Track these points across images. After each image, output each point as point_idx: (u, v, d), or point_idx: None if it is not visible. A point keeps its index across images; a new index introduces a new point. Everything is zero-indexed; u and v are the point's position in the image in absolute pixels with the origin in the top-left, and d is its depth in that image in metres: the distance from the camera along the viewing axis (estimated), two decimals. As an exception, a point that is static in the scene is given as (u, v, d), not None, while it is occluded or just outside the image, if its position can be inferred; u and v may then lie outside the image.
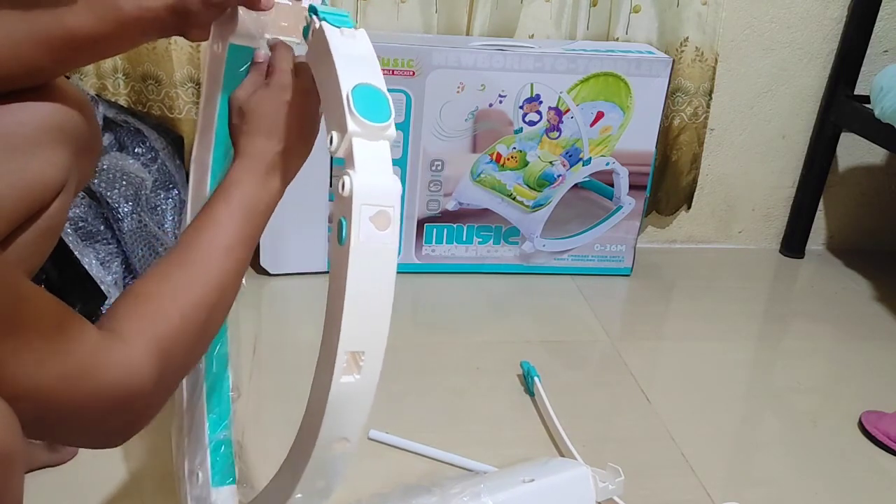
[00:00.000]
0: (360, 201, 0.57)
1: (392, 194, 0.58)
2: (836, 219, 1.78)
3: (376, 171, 0.59)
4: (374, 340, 0.58)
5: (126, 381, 0.56)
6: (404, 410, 1.12)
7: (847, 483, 1.06)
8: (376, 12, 1.42)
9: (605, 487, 0.91)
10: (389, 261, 0.58)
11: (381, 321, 0.58)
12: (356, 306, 0.57)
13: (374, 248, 0.57)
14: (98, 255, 1.21)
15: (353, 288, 0.57)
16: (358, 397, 0.59)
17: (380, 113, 0.60)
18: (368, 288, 0.57)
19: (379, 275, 0.58)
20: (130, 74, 1.38)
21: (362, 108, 0.59)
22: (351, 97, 0.59)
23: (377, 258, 0.57)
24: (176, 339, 0.60)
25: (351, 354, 0.58)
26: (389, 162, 0.60)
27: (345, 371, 0.58)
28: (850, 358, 1.37)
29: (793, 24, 1.57)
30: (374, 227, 0.57)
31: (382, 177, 0.59)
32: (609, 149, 1.45)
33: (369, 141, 0.59)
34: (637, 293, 1.54)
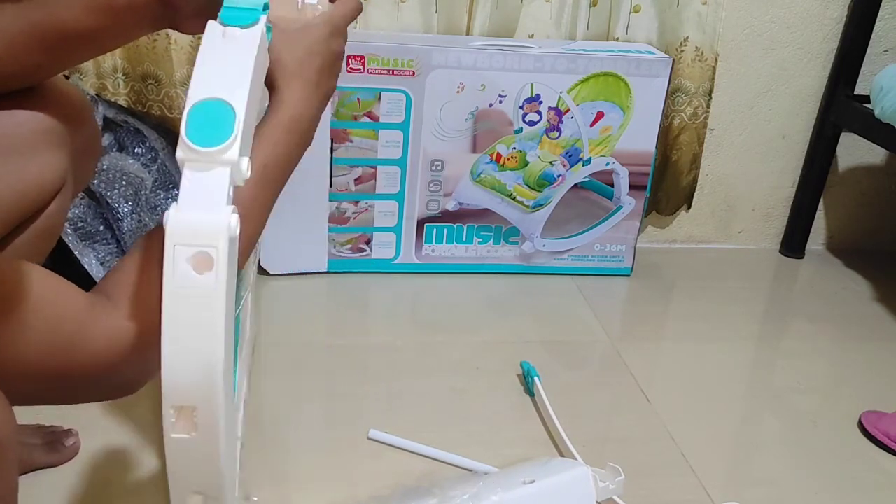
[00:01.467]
0: (172, 241, 0.50)
1: (217, 233, 0.50)
2: (836, 219, 1.78)
3: (201, 205, 0.51)
4: (205, 394, 0.51)
5: (116, 346, 0.56)
6: (404, 410, 1.12)
7: (847, 483, 1.06)
8: (376, 12, 1.42)
9: (605, 487, 0.91)
10: (212, 307, 0.50)
11: (210, 374, 0.51)
12: (176, 357, 0.50)
13: (192, 293, 0.50)
14: (98, 255, 1.21)
15: (170, 337, 0.50)
16: (199, 454, 0.52)
17: (217, 134, 0.52)
18: (189, 337, 0.50)
19: (200, 323, 0.50)
20: (130, 74, 1.38)
21: (195, 131, 0.52)
22: (186, 118, 0.52)
23: (196, 305, 0.50)
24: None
25: (178, 409, 0.51)
26: (224, 193, 0.52)
27: (175, 428, 0.51)
28: (850, 358, 1.37)
29: (793, 24, 1.57)
30: (192, 269, 0.50)
31: (207, 212, 0.51)
32: (609, 149, 1.45)
33: (198, 171, 0.52)
34: (637, 293, 1.54)
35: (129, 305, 0.60)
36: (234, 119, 0.52)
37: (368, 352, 1.25)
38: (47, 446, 0.95)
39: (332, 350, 1.23)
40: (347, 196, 1.41)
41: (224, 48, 0.57)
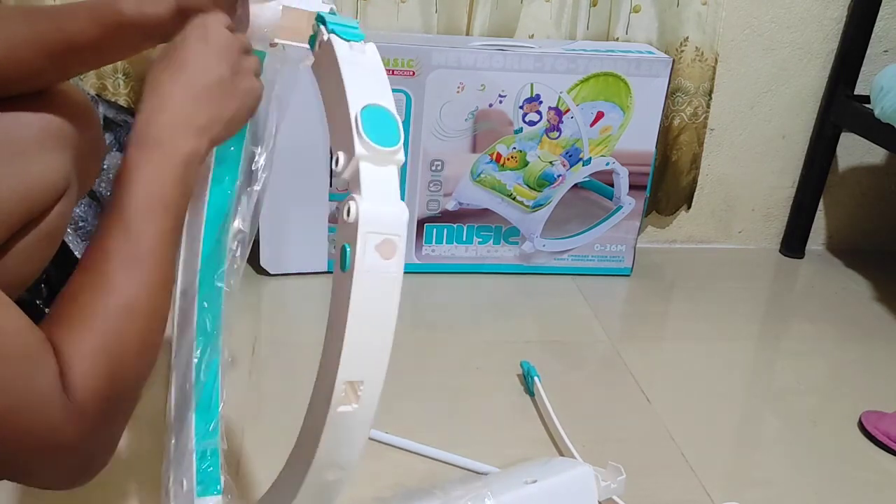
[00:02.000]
0: (365, 229, 0.55)
1: (399, 223, 0.56)
2: (836, 219, 1.78)
3: (384, 198, 0.57)
4: (373, 370, 0.57)
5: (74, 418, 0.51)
6: (404, 410, 1.12)
7: (847, 483, 1.06)
8: (376, 12, 1.42)
9: (606, 486, 0.91)
10: (393, 291, 0.56)
11: (381, 352, 0.57)
12: (357, 336, 0.55)
13: (378, 277, 0.56)
14: (98, 255, 1.21)
15: (355, 317, 0.55)
16: (355, 427, 0.58)
17: (389, 137, 0.59)
18: (370, 318, 0.56)
19: (381, 305, 0.56)
20: (130, 74, 1.38)
21: (371, 131, 0.58)
22: (360, 119, 0.58)
23: (380, 288, 0.56)
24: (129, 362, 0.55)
25: (349, 384, 0.56)
26: (398, 188, 0.58)
27: (342, 401, 0.56)
28: (850, 358, 1.37)
29: (793, 24, 1.57)
30: (379, 256, 0.56)
31: (390, 204, 0.57)
32: (609, 149, 1.45)
33: (377, 166, 0.58)
34: (637, 293, 1.54)
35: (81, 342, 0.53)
36: (398, 125, 0.60)
37: (368, 352, 1.25)
38: None
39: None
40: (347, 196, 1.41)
41: (359, 60, 0.63)
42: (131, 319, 0.56)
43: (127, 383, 0.56)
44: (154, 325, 0.59)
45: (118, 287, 0.57)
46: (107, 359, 0.54)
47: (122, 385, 0.55)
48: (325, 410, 0.56)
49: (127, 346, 0.56)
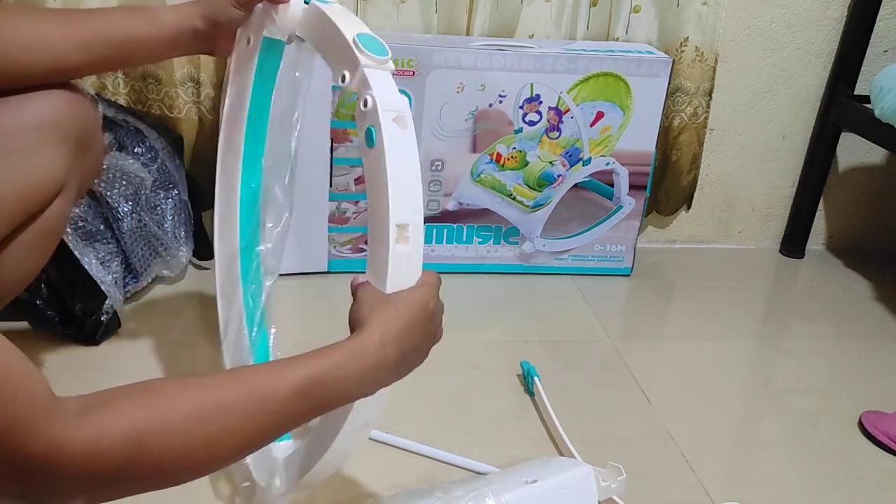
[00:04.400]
0: (384, 108, 0.70)
1: (404, 104, 0.72)
2: (836, 219, 1.78)
3: (389, 89, 0.73)
4: (415, 214, 0.71)
5: (45, 459, 0.51)
6: (404, 410, 1.11)
7: (847, 483, 1.06)
8: (376, 12, 1.42)
9: (607, 486, 0.91)
10: (413, 151, 0.72)
11: (416, 199, 0.71)
12: (397, 188, 0.69)
13: (402, 141, 0.71)
14: (98, 255, 1.21)
15: (392, 174, 0.69)
16: (410, 263, 0.72)
17: (381, 50, 0.74)
18: (403, 173, 0.70)
19: (409, 162, 0.71)
20: (130, 74, 1.38)
21: (368, 48, 0.73)
22: (357, 40, 0.73)
23: (405, 148, 0.71)
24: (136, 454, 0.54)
25: (399, 227, 0.70)
26: (394, 83, 0.74)
27: (397, 240, 0.69)
28: (850, 358, 1.37)
29: (793, 24, 1.57)
30: (398, 126, 0.71)
31: (394, 92, 0.73)
32: (609, 149, 1.45)
33: (378, 69, 0.73)
34: (637, 293, 1.54)
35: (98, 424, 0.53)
36: (383, 44, 0.75)
37: (368, 352, 1.25)
38: None
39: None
40: (347, 196, 1.41)
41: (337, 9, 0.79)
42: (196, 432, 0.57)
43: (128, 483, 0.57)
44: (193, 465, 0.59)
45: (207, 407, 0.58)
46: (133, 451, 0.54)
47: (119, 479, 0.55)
48: (387, 252, 0.69)
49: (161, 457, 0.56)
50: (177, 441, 0.56)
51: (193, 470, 0.60)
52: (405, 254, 0.71)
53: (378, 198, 0.70)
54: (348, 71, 0.74)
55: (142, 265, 1.29)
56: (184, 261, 1.37)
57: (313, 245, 1.43)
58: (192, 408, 0.57)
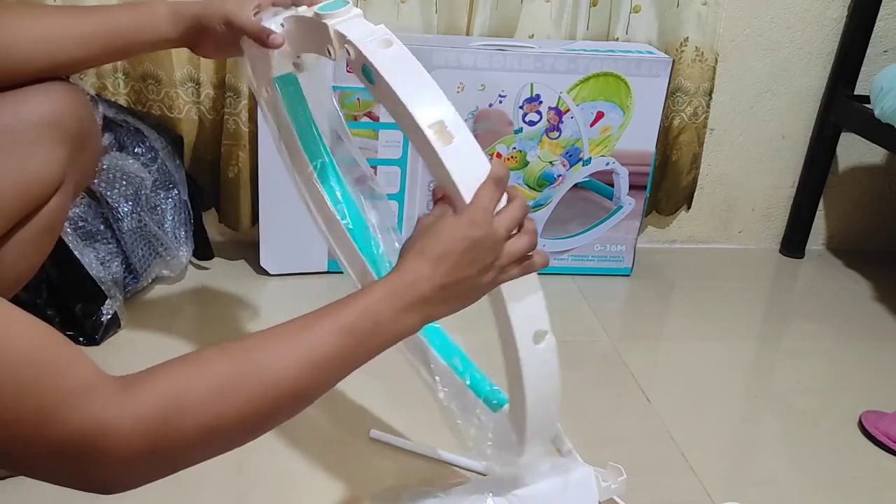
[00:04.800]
0: (361, 44, 0.72)
1: (379, 28, 0.74)
2: (836, 219, 1.78)
3: (360, 27, 0.74)
4: (442, 109, 0.70)
5: (90, 438, 0.51)
6: (404, 410, 1.11)
7: (847, 483, 1.06)
8: (376, 12, 1.42)
9: (607, 487, 0.91)
10: (410, 60, 0.73)
11: (437, 96, 0.71)
12: (411, 94, 0.69)
13: (394, 57, 0.72)
14: (98, 255, 1.21)
15: (399, 86, 0.70)
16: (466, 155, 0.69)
17: (339, 3, 0.75)
18: (409, 80, 0.71)
19: (410, 69, 0.72)
20: (130, 74, 1.38)
21: (328, 9, 0.75)
22: (318, 11, 0.75)
23: (401, 63, 0.72)
24: (188, 425, 0.55)
25: (434, 127, 0.68)
26: (365, 22, 0.75)
27: (441, 141, 0.68)
28: (850, 358, 1.37)
29: (793, 24, 1.57)
30: (384, 48, 0.72)
31: (364, 26, 0.74)
32: (609, 149, 1.45)
33: (344, 20, 0.74)
34: (637, 293, 1.54)
35: (141, 401, 0.53)
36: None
37: (368, 352, 1.25)
38: None
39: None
40: (347, 196, 1.41)
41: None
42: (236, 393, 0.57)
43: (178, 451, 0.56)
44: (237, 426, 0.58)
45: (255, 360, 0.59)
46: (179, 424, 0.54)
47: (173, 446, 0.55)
48: (437, 158, 0.68)
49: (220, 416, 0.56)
50: (217, 403, 0.56)
51: (239, 431, 0.59)
52: (455, 149, 0.68)
53: (402, 116, 0.69)
54: (328, 44, 0.75)
55: (142, 265, 1.29)
56: (184, 261, 1.37)
57: (313, 245, 1.43)
58: (230, 369, 0.57)
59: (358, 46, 0.72)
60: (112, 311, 1.20)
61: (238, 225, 1.47)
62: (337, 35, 0.74)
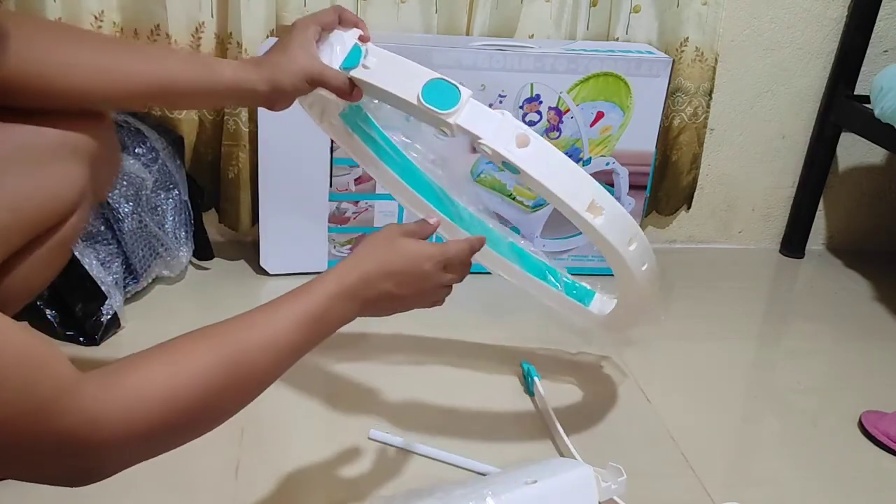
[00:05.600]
0: (498, 147, 0.79)
1: (511, 121, 0.82)
2: (836, 219, 1.78)
3: (486, 122, 0.82)
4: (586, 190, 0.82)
5: (83, 432, 0.53)
6: (404, 411, 1.12)
7: (847, 483, 1.06)
8: (376, 12, 1.42)
9: (607, 487, 0.91)
10: (549, 153, 0.82)
11: (579, 180, 0.83)
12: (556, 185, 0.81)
13: (534, 155, 0.81)
14: (98, 255, 1.21)
15: (546, 180, 0.80)
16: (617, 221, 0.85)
17: (448, 100, 0.81)
18: (553, 174, 0.82)
19: (553, 162, 0.82)
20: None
21: (434, 103, 0.81)
22: (422, 99, 0.81)
23: (542, 158, 0.81)
24: (168, 409, 0.58)
25: (589, 208, 0.82)
26: (486, 111, 0.83)
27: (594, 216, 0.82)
28: (850, 358, 1.37)
29: (793, 24, 1.57)
30: (520, 147, 0.80)
31: (492, 122, 0.82)
32: (609, 149, 1.45)
33: (462, 112, 0.81)
34: (637, 293, 1.54)
35: (127, 389, 0.57)
36: (448, 87, 0.83)
37: (369, 352, 1.25)
38: None
39: (333, 350, 1.23)
40: (347, 196, 1.41)
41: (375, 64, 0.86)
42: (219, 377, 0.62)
43: (171, 441, 0.61)
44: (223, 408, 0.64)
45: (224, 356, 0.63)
46: (165, 407, 0.58)
47: (158, 438, 0.59)
48: (589, 227, 0.83)
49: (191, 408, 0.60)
50: (203, 390, 0.60)
51: (225, 412, 0.65)
52: (606, 218, 0.82)
53: (556, 202, 0.81)
54: (446, 128, 0.82)
55: (142, 266, 1.29)
56: (184, 261, 1.37)
57: (313, 245, 1.43)
58: (211, 356, 0.62)
59: (496, 150, 0.79)
60: (112, 311, 1.20)
61: (238, 225, 1.47)
62: (462, 130, 0.81)
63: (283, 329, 0.68)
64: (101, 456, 0.56)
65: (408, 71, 0.84)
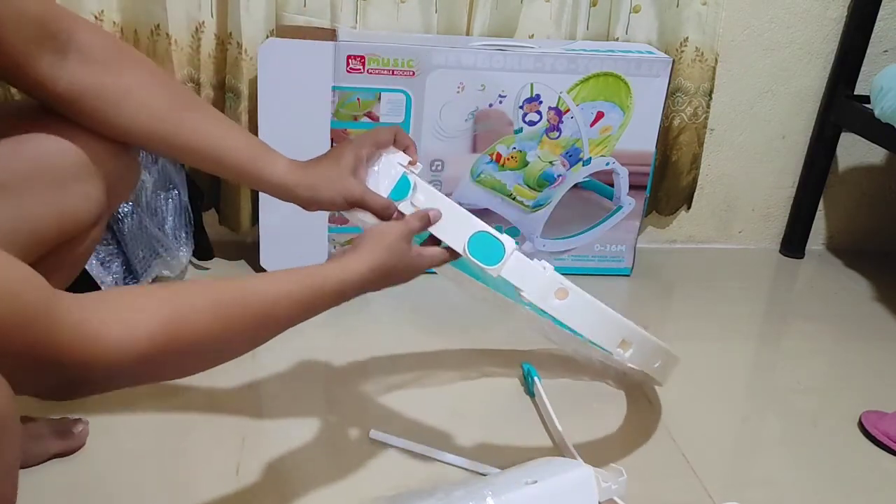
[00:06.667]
0: (539, 299, 0.85)
1: (553, 277, 0.86)
2: (836, 219, 1.78)
3: (530, 278, 0.86)
4: (618, 333, 0.90)
5: (76, 342, 0.55)
6: (404, 411, 1.12)
7: (847, 483, 1.06)
8: (376, 12, 1.42)
9: (607, 487, 0.91)
10: (587, 304, 0.88)
11: (614, 327, 0.90)
12: (593, 333, 0.89)
13: (571, 306, 0.87)
14: (98, 256, 1.21)
15: (582, 328, 0.88)
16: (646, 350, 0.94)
17: (494, 256, 0.85)
18: (590, 324, 0.89)
19: (591, 310, 0.88)
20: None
21: (479, 257, 0.85)
22: (468, 252, 0.86)
23: (579, 310, 0.88)
24: (162, 332, 0.60)
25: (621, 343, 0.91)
26: (527, 265, 0.86)
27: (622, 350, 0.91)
28: (850, 358, 1.37)
29: (793, 24, 1.57)
30: (558, 300, 0.86)
31: (534, 277, 0.86)
32: (609, 149, 1.45)
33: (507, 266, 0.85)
34: (637, 293, 1.54)
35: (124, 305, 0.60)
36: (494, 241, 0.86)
37: (369, 352, 1.25)
38: (57, 434, 0.97)
39: (333, 350, 1.23)
40: (347, 196, 1.41)
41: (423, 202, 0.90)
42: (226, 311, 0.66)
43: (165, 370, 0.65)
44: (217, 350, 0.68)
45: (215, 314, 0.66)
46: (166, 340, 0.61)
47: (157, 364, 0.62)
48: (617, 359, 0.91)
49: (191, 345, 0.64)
50: (205, 328, 0.64)
51: (218, 355, 0.68)
52: (633, 355, 0.91)
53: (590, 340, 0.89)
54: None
55: (142, 266, 1.29)
56: (184, 261, 1.37)
57: (313, 245, 1.43)
58: (212, 298, 0.66)
59: (536, 303, 0.85)
60: (112, 311, 1.19)
61: (238, 225, 1.47)
62: (506, 281, 0.85)
63: (291, 290, 0.73)
64: (82, 370, 0.56)
65: (455, 218, 0.88)
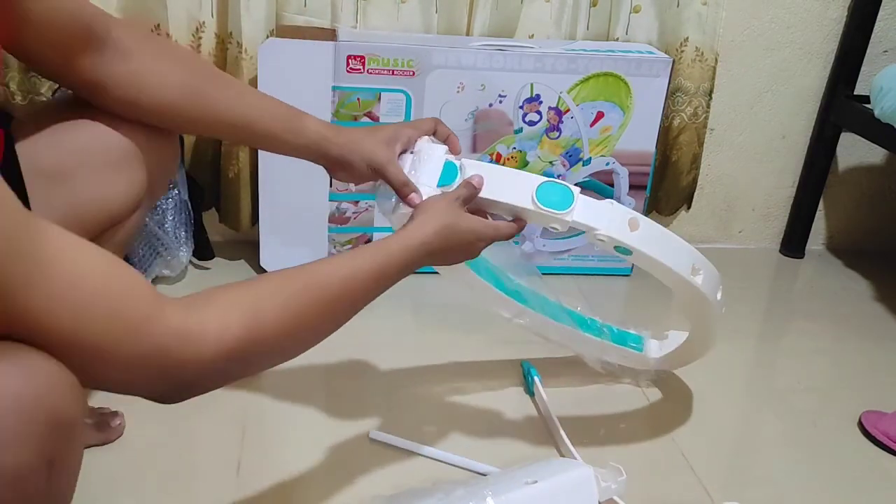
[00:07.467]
0: (613, 235, 0.87)
1: (621, 210, 0.89)
2: (836, 219, 1.78)
3: (598, 215, 0.88)
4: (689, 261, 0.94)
5: (174, 348, 0.57)
6: (404, 410, 1.12)
7: (847, 483, 1.06)
8: (376, 12, 1.42)
9: (607, 487, 0.91)
10: (658, 233, 0.91)
11: (686, 254, 0.94)
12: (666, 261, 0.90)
13: (645, 238, 0.88)
14: (98, 255, 1.21)
15: (658, 257, 0.90)
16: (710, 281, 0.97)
17: (562, 201, 0.87)
18: (663, 252, 0.91)
19: (663, 241, 0.92)
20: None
21: (548, 203, 0.87)
22: (537, 201, 0.87)
23: (652, 240, 0.90)
24: (254, 326, 0.62)
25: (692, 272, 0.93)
26: (594, 204, 0.88)
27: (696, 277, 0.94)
28: (850, 358, 1.37)
29: (793, 24, 1.57)
30: (631, 230, 0.88)
31: (603, 214, 0.88)
32: (609, 149, 1.45)
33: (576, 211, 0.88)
34: (637, 293, 1.54)
35: (215, 308, 0.62)
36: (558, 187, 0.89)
37: (369, 352, 1.25)
38: (96, 426, 0.99)
39: (333, 350, 1.23)
40: (347, 196, 1.41)
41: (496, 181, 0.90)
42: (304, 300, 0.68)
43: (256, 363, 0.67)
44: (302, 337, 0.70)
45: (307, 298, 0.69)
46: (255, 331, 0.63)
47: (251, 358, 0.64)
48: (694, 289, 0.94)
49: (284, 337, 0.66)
50: (285, 311, 0.65)
51: (304, 341, 0.70)
52: (703, 277, 0.93)
53: (668, 274, 0.91)
54: (554, 225, 0.88)
55: (142, 265, 1.29)
56: (184, 261, 1.37)
57: (313, 245, 1.43)
58: (285, 287, 0.67)
59: (614, 237, 0.87)
60: (112, 311, 1.20)
61: (238, 225, 1.47)
62: (578, 225, 0.87)
63: (360, 266, 0.73)
64: (190, 372, 0.59)
65: (513, 179, 0.89)
